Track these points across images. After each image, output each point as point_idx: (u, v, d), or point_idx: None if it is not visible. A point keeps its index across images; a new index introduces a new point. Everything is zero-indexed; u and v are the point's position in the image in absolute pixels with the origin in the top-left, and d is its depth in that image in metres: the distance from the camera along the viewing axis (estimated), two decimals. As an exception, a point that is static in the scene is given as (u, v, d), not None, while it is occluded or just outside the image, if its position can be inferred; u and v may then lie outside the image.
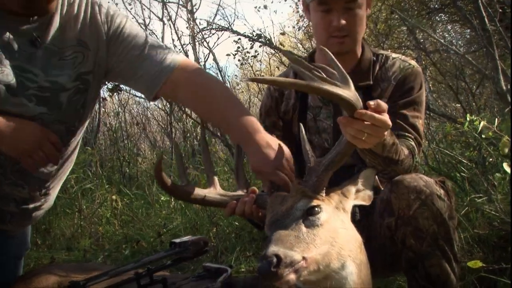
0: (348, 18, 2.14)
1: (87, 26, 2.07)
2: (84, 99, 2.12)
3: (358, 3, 2.14)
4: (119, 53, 2.09)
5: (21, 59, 1.96)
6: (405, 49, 7.65)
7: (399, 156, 1.91)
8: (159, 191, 4.96)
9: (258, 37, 5.24)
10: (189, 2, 6.71)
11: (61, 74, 2.03)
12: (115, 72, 2.14)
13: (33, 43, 1.98)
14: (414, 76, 2.23)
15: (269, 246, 1.43)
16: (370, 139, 1.62)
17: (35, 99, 1.99)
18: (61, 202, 4.73)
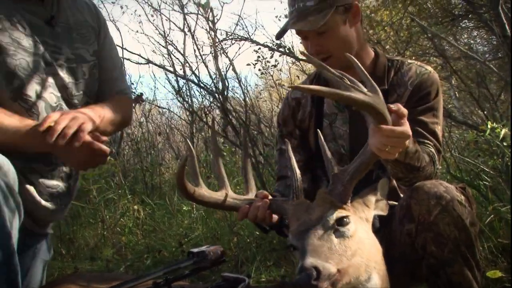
0: (323, 41, 2.17)
1: (93, 15, 2.42)
2: (98, 74, 2.38)
3: (328, 25, 2.12)
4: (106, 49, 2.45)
5: (45, 35, 2.17)
6: (429, 56, 7.59)
7: (420, 163, 1.90)
8: (181, 201, 4.99)
9: (278, 46, 5.26)
10: (210, 13, 6.77)
11: (82, 47, 2.30)
12: None
13: (49, 22, 2.20)
14: (431, 82, 2.21)
15: (306, 258, 1.45)
16: (393, 150, 1.64)
17: (65, 69, 2.22)
18: (85, 212, 4.79)
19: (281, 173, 2.39)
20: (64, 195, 2.33)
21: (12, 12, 2.11)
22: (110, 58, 2.46)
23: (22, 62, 2.09)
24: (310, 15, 2.13)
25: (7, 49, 2.06)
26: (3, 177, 1.85)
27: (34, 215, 2.20)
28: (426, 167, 1.96)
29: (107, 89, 2.44)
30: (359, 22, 2.25)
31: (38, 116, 2.13)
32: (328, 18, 2.11)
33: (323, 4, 2.13)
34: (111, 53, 2.48)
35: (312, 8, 2.13)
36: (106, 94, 2.43)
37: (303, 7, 2.15)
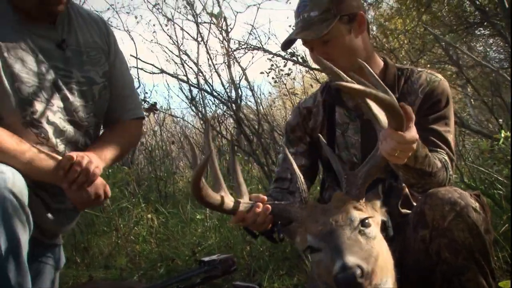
0: (328, 50, 2.19)
1: (103, 34, 2.45)
2: (108, 95, 2.43)
3: (332, 34, 2.15)
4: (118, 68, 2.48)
5: (55, 60, 2.23)
6: (443, 65, 7.55)
7: (432, 168, 1.90)
8: (194, 209, 5.00)
9: (291, 55, 5.28)
10: (224, 22, 6.81)
11: (92, 69, 2.34)
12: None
13: (59, 46, 2.25)
14: (442, 89, 2.22)
15: (346, 256, 1.46)
16: (403, 154, 1.67)
17: (76, 92, 2.27)
18: (99, 221, 4.83)
19: (280, 174, 2.42)
20: (71, 211, 2.38)
21: (24, 38, 2.16)
22: (120, 77, 2.50)
23: (34, 89, 2.15)
24: (314, 25, 2.17)
25: (21, 77, 2.12)
26: (12, 189, 1.90)
27: (42, 227, 2.24)
28: (438, 173, 1.96)
29: (117, 108, 2.49)
30: (365, 31, 2.27)
31: (47, 141, 2.19)
32: (331, 27, 2.14)
33: (327, 14, 2.17)
34: (121, 72, 2.52)
35: (316, 18, 2.17)
36: (116, 112, 2.49)
37: (307, 18, 2.19)
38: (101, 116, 2.44)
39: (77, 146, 2.30)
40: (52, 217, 2.29)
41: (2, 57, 2.08)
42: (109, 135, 2.43)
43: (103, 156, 2.25)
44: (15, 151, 2.04)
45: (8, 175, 1.92)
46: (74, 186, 2.09)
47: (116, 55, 2.49)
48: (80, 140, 2.32)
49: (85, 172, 2.09)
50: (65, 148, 2.25)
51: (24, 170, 2.04)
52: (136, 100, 2.62)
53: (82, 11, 2.43)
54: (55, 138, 2.23)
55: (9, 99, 2.10)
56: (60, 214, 2.33)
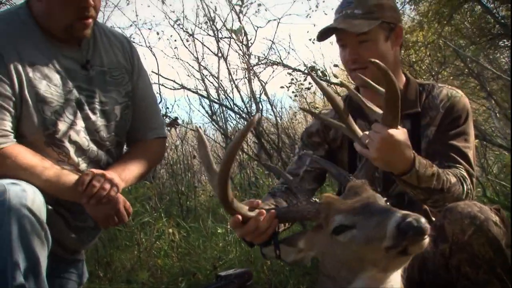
0: (361, 52, 2.21)
1: (127, 53, 2.51)
2: (130, 115, 2.49)
3: (370, 35, 2.19)
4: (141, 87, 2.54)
5: (79, 80, 2.30)
6: (465, 77, 7.48)
7: (443, 185, 1.92)
8: (215, 224, 5.01)
9: (311, 69, 5.29)
10: (244, 37, 6.87)
11: (114, 90, 2.41)
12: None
13: (84, 67, 2.32)
14: (463, 105, 2.25)
15: (400, 211, 1.43)
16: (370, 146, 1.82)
17: (98, 112, 2.33)
18: (121, 236, 4.86)
19: (291, 170, 2.44)
20: (92, 229, 2.42)
21: (50, 59, 2.23)
22: (143, 97, 2.55)
23: (58, 109, 2.20)
24: (356, 20, 2.20)
25: (45, 97, 2.18)
26: (31, 207, 1.95)
27: (63, 243, 2.28)
28: (452, 188, 1.97)
29: (140, 127, 2.53)
30: (399, 45, 2.31)
31: (68, 160, 2.23)
32: (372, 28, 2.18)
33: (370, 15, 2.20)
34: (145, 91, 2.56)
35: (359, 15, 2.21)
36: (139, 132, 2.53)
37: (350, 13, 2.23)
38: (123, 136, 2.47)
39: (99, 165, 2.34)
40: (73, 235, 2.33)
41: (27, 77, 2.14)
42: (132, 154, 2.46)
43: (123, 175, 2.28)
44: (36, 169, 2.08)
45: (28, 193, 1.97)
46: (93, 200, 2.12)
47: (139, 75, 2.53)
48: (102, 159, 2.36)
49: (103, 187, 2.12)
50: (87, 167, 2.30)
51: (45, 187, 2.08)
52: (159, 120, 2.66)
53: (107, 31, 2.49)
54: (77, 157, 2.27)
55: (32, 119, 2.15)
56: (81, 232, 2.37)
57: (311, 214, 1.69)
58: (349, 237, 1.53)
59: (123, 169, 2.31)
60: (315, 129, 2.48)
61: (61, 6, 2.15)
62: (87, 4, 2.17)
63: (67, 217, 2.32)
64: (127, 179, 2.30)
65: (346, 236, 1.55)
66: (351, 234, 1.52)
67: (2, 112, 2.08)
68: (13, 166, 2.06)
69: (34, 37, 2.22)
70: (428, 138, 2.28)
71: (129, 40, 2.64)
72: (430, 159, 2.19)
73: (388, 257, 1.45)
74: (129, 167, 2.34)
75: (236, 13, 6.99)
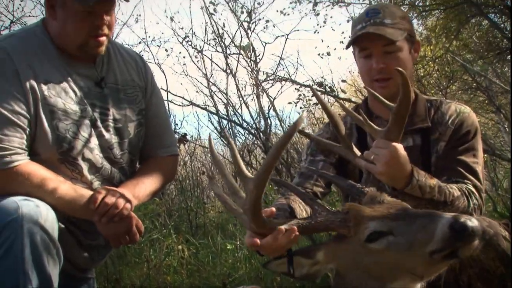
0: (388, 62, 2.22)
1: (141, 72, 2.53)
2: (143, 132, 2.51)
3: (397, 46, 2.21)
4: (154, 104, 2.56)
5: (94, 97, 2.32)
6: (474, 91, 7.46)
7: (446, 198, 1.95)
8: (225, 240, 5.00)
9: (319, 85, 5.31)
10: (253, 53, 6.91)
11: (128, 107, 2.43)
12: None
13: (98, 84, 2.34)
14: (471, 121, 2.27)
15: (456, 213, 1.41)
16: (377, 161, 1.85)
17: (112, 130, 2.35)
18: (130, 252, 4.85)
19: (304, 170, 2.43)
20: (103, 248, 2.42)
21: (65, 76, 2.26)
22: (156, 115, 2.57)
23: (71, 126, 2.21)
24: (388, 28, 2.21)
25: (59, 114, 2.19)
26: (44, 224, 1.96)
27: (73, 261, 2.28)
28: (456, 201, 1.99)
29: (153, 145, 2.55)
30: (415, 59, 2.33)
31: (81, 178, 2.24)
32: (401, 39, 2.21)
33: (399, 25, 2.23)
34: (158, 109, 2.58)
35: (389, 25, 2.22)
36: (152, 149, 2.55)
37: (379, 22, 2.23)
38: (135, 153, 2.49)
39: (113, 182, 2.35)
40: (84, 253, 2.33)
41: (42, 95, 2.16)
42: (144, 171, 2.47)
43: (136, 193, 2.28)
44: (49, 187, 2.09)
45: (41, 210, 1.98)
46: (104, 218, 2.13)
47: (152, 93, 2.56)
48: (115, 176, 2.37)
49: (115, 206, 2.13)
50: (100, 184, 2.30)
51: (57, 205, 2.09)
52: (172, 137, 2.68)
53: (122, 49, 2.52)
54: (90, 175, 2.28)
55: (46, 136, 2.17)
56: (92, 250, 2.37)
57: (336, 224, 1.61)
58: (385, 244, 1.49)
59: (135, 186, 2.32)
60: (326, 137, 2.45)
61: (76, 24, 2.19)
62: (101, 22, 2.21)
63: (78, 235, 2.33)
64: (139, 196, 2.31)
65: (381, 243, 1.50)
66: (388, 241, 1.48)
67: (16, 130, 2.10)
68: (26, 184, 2.08)
69: (49, 55, 2.25)
70: (437, 153, 2.29)
71: (143, 59, 2.67)
72: (439, 173, 2.21)
73: (430, 263, 1.42)
74: (141, 184, 2.35)
75: (244, 30, 7.04)
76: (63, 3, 2.19)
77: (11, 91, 2.12)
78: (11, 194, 2.03)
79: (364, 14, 2.30)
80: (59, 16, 2.22)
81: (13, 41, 2.23)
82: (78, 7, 2.15)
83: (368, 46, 2.27)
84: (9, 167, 2.08)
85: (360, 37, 2.25)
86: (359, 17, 2.37)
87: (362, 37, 2.25)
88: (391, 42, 2.21)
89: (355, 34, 2.28)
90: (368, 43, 2.26)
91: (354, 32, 2.31)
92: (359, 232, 1.54)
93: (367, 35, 2.22)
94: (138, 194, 2.31)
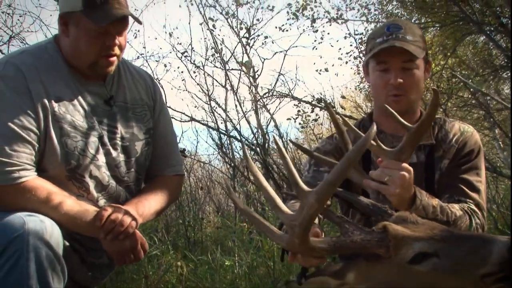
0: (405, 78, 2.21)
1: (150, 90, 2.55)
2: (150, 151, 2.51)
3: (415, 63, 2.22)
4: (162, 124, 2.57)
5: (102, 115, 2.33)
6: (470, 108, 7.52)
7: (448, 217, 1.96)
8: (223, 256, 4.97)
9: (319, 101, 5.33)
10: (251, 69, 6.93)
11: (136, 126, 2.44)
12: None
13: (107, 102, 2.36)
14: (475, 140, 2.30)
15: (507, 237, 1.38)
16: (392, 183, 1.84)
17: (119, 148, 2.35)
18: (128, 268, 4.82)
19: (308, 179, 2.40)
20: (106, 266, 2.41)
21: (75, 94, 2.27)
22: (164, 134, 2.57)
23: (80, 144, 2.22)
24: (411, 45, 2.20)
25: (68, 131, 2.20)
26: (49, 241, 1.95)
27: (75, 278, 2.27)
28: (458, 221, 2.00)
29: (159, 164, 2.54)
30: (426, 79, 2.34)
31: (88, 195, 2.24)
32: (421, 57, 2.22)
33: (419, 43, 2.23)
34: (165, 129, 2.59)
35: (410, 42, 2.21)
36: (158, 168, 2.54)
37: (402, 38, 2.22)
38: (142, 172, 2.48)
39: (119, 201, 2.34)
40: (86, 271, 2.31)
41: (53, 112, 2.17)
42: (150, 190, 2.46)
43: (141, 211, 2.27)
44: (55, 203, 2.09)
45: (47, 226, 1.97)
46: (110, 236, 2.12)
47: (160, 112, 2.57)
48: (121, 195, 2.37)
49: (121, 223, 2.12)
50: (106, 202, 2.30)
51: (63, 221, 2.08)
52: (178, 157, 2.66)
53: (131, 68, 2.53)
54: (97, 192, 2.28)
55: (55, 153, 2.16)
56: (95, 268, 2.36)
57: (374, 244, 1.52)
58: (431, 266, 1.42)
59: (140, 204, 2.31)
60: (329, 149, 2.46)
61: (87, 43, 2.20)
62: (113, 43, 2.22)
63: (82, 253, 2.31)
64: (144, 214, 2.30)
65: (427, 265, 1.43)
66: (433, 263, 1.42)
67: (25, 145, 2.10)
68: (33, 200, 2.06)
69: (61, 72, 2.25)
70: (441, 171, 2.30)
71: (152, 78, 2.67)
72: (442, 191, 2.22)
73: (478, 286, 1.36)
74: (146, 202, 2.34)
75: (243, 45, 7.07)
76: (76, 22, 2.20)
77: (22, 107, 2.12)
78: (18, 209, 2.01)
79: (384, 28, 2.28)
80: (72, 34, 2.23)
81: (24, 58, 2.23)
82: (92, 26, 2.17)
83: (387, 60, 2.24)
84: (17, 183, 2.06)
85: (384, 50, 2.22)
86: (377, 31, 2.35)
87: (385, 51, 2.22)
88: (411, 59, 2.21)
89: (378, 46, 2.24)
90: (388, 57, 2.24)
91: (372, 45, 2.30)
92: (400, 253, 1.47)
93: (391, 49, 2.20)
94: (143, 212, 2.30)
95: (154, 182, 2.51)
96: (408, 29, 2.25)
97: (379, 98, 2.32)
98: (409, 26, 2.28)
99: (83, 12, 2.16)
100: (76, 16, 2.19)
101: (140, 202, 2.32)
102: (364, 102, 9.74)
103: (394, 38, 2.22)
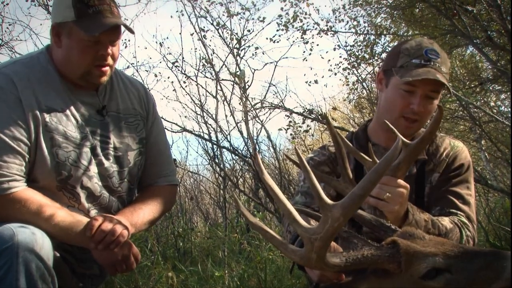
0: (425, 105, 2.22)
1: (143, 100, 2.54)
2: (143, 161, 2.49)
3: (439, 94, 2.23)
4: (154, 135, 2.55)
5: (95, 125, 2.31)
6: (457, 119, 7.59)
7: (439, 231, 2.00)
8: (214, 267, 4.96)
9: (310, 112, 5.36)
10: (242, 80, 6.94)
11: (129, 136, 2.42)
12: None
13: (100, 112, 2.34)
14: (465, 155, 2.34)
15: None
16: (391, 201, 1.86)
17: (112, 158, 2.33)
18: (119, 279, 4.79)
19: (306, 189, 2.42)
20: (96, 277, 2.39)
21: (67, 104, 2.25)
22: (156, 144, 2.56)
23: (71, 154, 2.20)
24: (443, 76, 2.19)
25: (59, 142, 2.19)
26: (40, 252, 1.93)
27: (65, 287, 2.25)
28: (449, 234, 2.03)
29: (152, 174, 2.54)
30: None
31: (79, 206, 2.23)
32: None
33: (447, 75, 2.24)
34: (158, 138, 2.57)
35: (443, 73, 2.21)
36: (151, 178, 2.54)
37: (438, 68, 2.22)
38: (134, 182, 2.47)
39: (110, 211, 2.32)
40: (76, 281, 2.30)
41: (44, 122, 2.15)
42: (143, 199, 2.44)
43: (133, 220, 2.26)
44: (45, 214, 2.07)
45: (37, 237, 1.95)
46: (101, 246, 2.10)
47: (154, 122, 2.55)
48: (113, 205, 2.35)
49: (112, 233, 2.10)
50: (97, 213, 2.28)
51: (53, 232, 2.06)
52: (171, 167, 2.65)
53: (125, 77, 2.52)
54: (88, 203, 2.26)
55: (46, 163, 2.15)
56: (85, 279, 2.34)
57: (385, 259, 1.51)
58: (444, 281, 1.43)
59: (133, 214, 2.30)
60: (323, 160, 2.46)
61: (80, 53, 2.19)
62: (105, 53, 2.21)
63: (73, 263, 2.29)
64: (136, 224, 2.28)
65: (440, 281, 1.43)
66: (446, 279, 1.42)
67: (15, 156, 2.09)
68: (23, 211, 2.05)
69: (52, 82, 2.24)
70: (431, 184, 2.33)
71: (145, 87, 2.66)
72: (433, 204, 2.26)
73: None
74: (139, 212, 2.33)
75: (233, 56, 7.09)
76: (69, 32, 2.19)
77: (13, 117, 2.10)
78: (8, 220, 1.99)
79: (422, 50, 2.23)
80: (64, 44, 2.22)
81: (16, 68, 2.22)
82: (84, 36, 2.16)
83: (417, 85, 2.20)
84: (6, 193, 2.05)
85: (426, 80, 2.17)
86: (413, 48, 2.28)
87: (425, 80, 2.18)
88: (438, 90, 2.22)
89: (414, 69, 2.21)
90: (419, 83, 2.19)
91: (407, 63, 2.25)
92: (412, 268, 1.47)
93: (430, 81, 2.17)
94: (136, 222, 2.28)
95: (147, 192, 2.50)
96: (443, 58, 2.24)
97: (390, 116, 2.27)
98: (443, 55, 2.27)
99: (75, 22, 2.16)
100: (68, 26, 2.19)
101: (133, 211, 2.31)
102: (352, 113, 9.79)
103: (432, 66, 2.20)
